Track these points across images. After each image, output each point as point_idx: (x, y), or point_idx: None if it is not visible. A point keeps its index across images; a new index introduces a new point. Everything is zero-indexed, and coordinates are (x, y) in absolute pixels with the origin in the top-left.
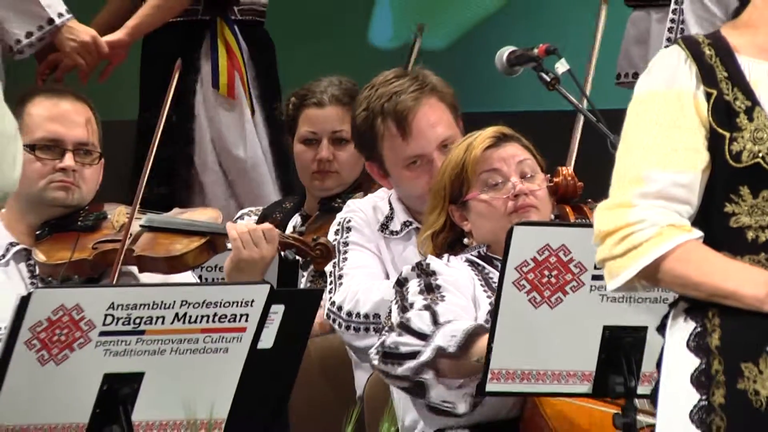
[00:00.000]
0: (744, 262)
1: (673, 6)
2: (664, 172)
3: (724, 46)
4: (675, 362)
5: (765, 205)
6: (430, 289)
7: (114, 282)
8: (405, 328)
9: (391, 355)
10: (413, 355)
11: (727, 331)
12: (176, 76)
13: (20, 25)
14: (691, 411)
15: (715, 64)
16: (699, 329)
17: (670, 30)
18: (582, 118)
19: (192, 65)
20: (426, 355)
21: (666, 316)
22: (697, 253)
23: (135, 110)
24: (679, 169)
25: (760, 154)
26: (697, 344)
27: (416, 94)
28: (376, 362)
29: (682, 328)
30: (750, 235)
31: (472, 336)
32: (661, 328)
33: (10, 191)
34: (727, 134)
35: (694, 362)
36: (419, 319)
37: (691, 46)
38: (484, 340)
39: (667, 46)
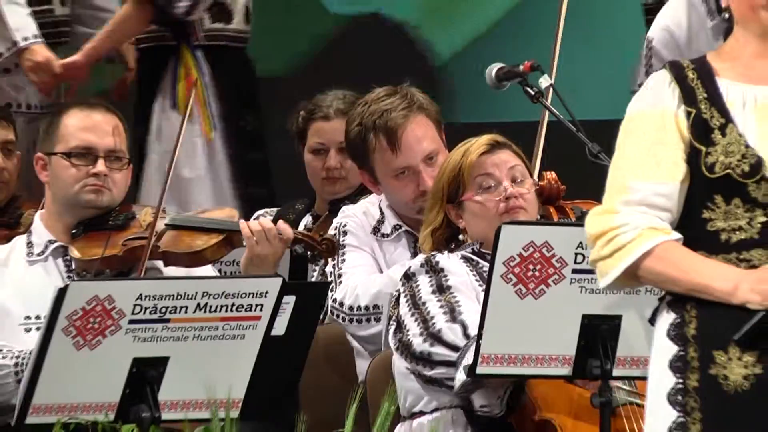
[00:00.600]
0: (718, 260)
1: (645, 51)
2: (646, 183)
3: (706, 69)
4: (658, 349)
5: (736, 211)
6: (441, 289)
7: (142, 275)
8: (436, 338)
9: (423, 360)
10: (448, 364)
11: (702, 322)
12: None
13: None
14: (669, 393)
15: (696, 85)
16: (678, 320)
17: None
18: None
19: (158, 86)
20: (465, 371)
21: (656, 309)
22: (675, 252)
23: None
24: (660, 180)
25: (731, 166)
26: (676, 333)
27: (405, 112)
28: (406, 361)
29: (665, 319)
30: (723, 237)
31: None
32: (653, 319)
33: None
34: (704, 148)
35: (672, 349)
36: (451, 333)
37: (676, 70)
38: None
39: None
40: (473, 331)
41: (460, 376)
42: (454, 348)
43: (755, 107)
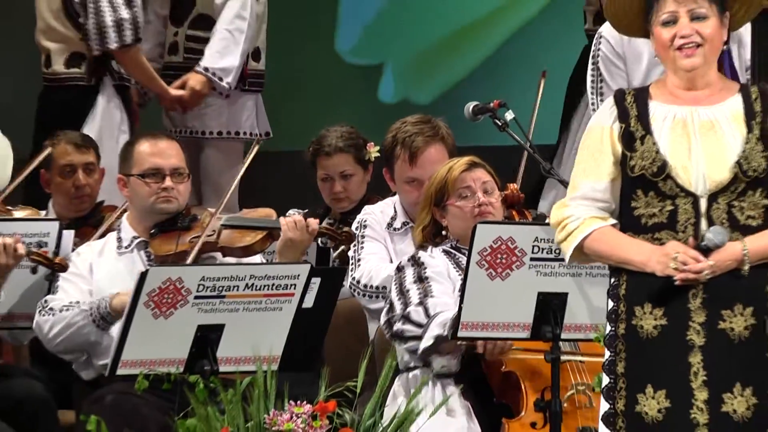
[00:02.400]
0: (641, 239)
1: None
2: (588, 181)
3: (644, 94)
4: (605, 306)
5: (651, 201)
6: (420, 279)
7: (204, 264)
8: (407, 319)
9: (399, 337)
10: (415, 338)
11: (629, 285)
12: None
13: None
14: (605, 338)
15: (631, 106)
16: (615, 283)
17: (592, 103)
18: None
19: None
20: (428, 341)
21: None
22: (607, 235)
23: None
24: (597, 179)
25: (645, 167)
26: (613, 293)
27: (428, 138)
28: (386, 333)
29: (608, 284)
30: (643, 221)
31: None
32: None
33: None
34: (629, 154)
35: (610, 305)
36: (416, 314)
37: (618, 95)
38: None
39: (593, 102)
40: (438, 305)
41: (423, 346)
42: (418, 325)
43: (672, 122)
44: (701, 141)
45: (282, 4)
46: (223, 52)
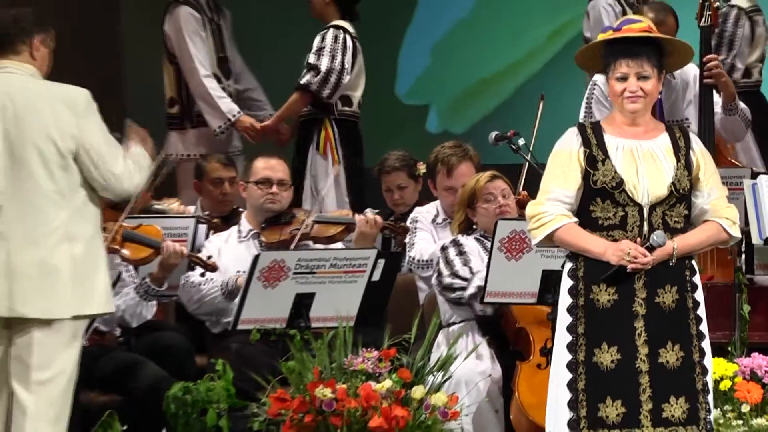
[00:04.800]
0: (596, 235)
1: (589, 88)
2: (559, 188)
3: (598, 127)
4: (564, 283)
5: (607, 207)
6: (461, 253)
7: (298, 249)
8: (455, 275)
9: (449, 288)
10: (461, 288)
11: (586, 268)
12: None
13: (214, 121)
14: (567, 307)
15: (591, 136)
16: (574, 266)
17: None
18: (528, 165)
19: (310, 140)
20: (472, 289)
21: (564, 261)
22: (572, 229)
23: None
24: (566, 187)
25: (605, 182)
26: (573, 274)
27: (460, 158)
28: (438, 290)
29: (567, 266)
30: (600, 222)
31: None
32: (563, 266)
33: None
34: (591, 171)
35: (570, 283)
36: (462, 271)
37: (581, 128)
38: None
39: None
40: (476, 269)
41: (468, 293)
42: (464, 279)
43: (623, 151)
44: (645, 166)
45: None
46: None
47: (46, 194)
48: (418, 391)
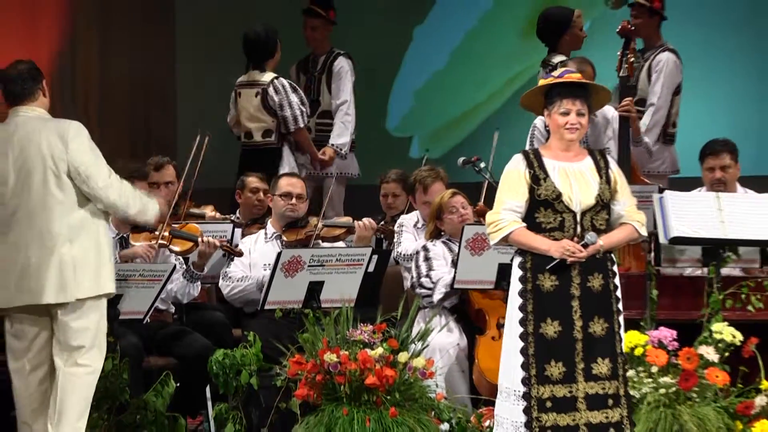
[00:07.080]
0: (541, 236)
1: (531, 130)
2: (512, 200)
3: (538, 153)
4: (515, 273)
5: (548, 214)
6: (427, 258)
7: (311, 247)
8: (421, 285)
9: (416, 288)
10: (427, 296)
11: (534, 261)
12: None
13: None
14: (519, 291)
15: (533, 160)
16: (523, 260)
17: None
18: (488, 183)
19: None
20: (438, 296)
21: (513, 255)
22: (523, 232)
23: None
24: (516, 199)
25: (546, 195)
26: (522, 266)
27: (434, 179)
28: (409, 287)
29: (517, 260)
30: (543, 225)
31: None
32: (512, 260)
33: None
34: (536, 187)
35: (520, 272)
36: (426, 282)
37: (525, 153)
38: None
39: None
40: (437, 275)
41: (436, 298)
42: (428, 288)
43: (558, 171)
44: (577, 182)
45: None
46: (341, 134)
47: (51, 207)
48: (403, 356)
